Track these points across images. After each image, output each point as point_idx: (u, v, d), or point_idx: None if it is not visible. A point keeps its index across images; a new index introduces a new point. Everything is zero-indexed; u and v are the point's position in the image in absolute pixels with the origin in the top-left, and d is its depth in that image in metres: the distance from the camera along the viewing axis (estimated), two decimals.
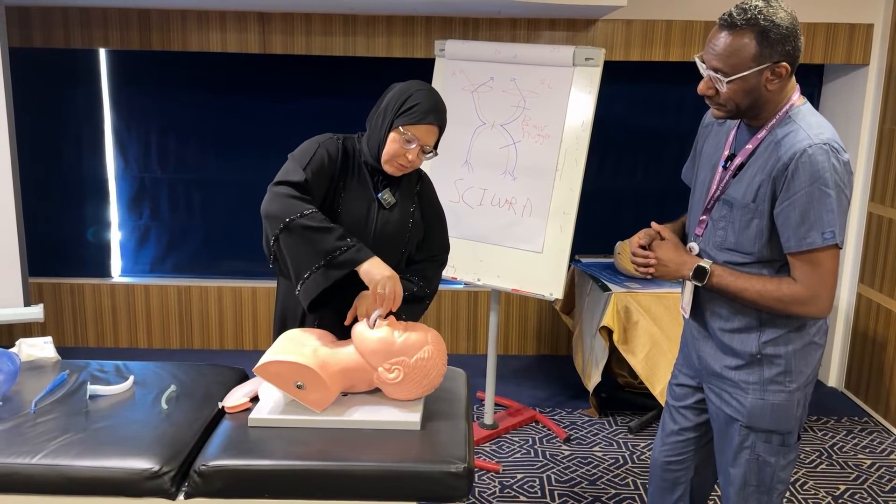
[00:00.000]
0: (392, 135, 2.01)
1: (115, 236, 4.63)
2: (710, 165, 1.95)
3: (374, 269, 1.88)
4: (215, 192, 4.55)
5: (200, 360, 4.33)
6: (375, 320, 1.91)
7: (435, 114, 2.03)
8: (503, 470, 3.27)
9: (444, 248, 2.26)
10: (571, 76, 3.24)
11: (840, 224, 1.74)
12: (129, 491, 1.68)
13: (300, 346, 1.90)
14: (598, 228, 4.35)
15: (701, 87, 1.80)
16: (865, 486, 3.20)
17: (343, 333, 2.02)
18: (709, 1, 3.93)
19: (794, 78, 1.81)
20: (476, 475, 3.18)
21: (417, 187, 2.20)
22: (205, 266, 4.65)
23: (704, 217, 1.93)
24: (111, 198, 4.58)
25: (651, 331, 3.45)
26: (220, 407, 1.97)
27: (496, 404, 3.75)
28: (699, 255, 1.94)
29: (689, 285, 1.96)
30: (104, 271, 4.63)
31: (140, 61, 4.37)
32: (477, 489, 3.10)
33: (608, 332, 3.49)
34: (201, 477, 1.69)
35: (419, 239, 2.19)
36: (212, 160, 4.51)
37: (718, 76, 1.73)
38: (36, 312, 3.35)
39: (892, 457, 3.47)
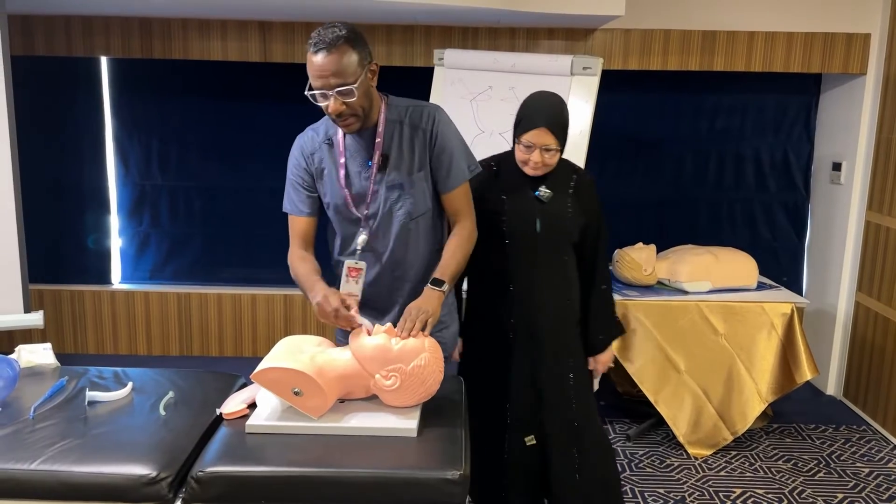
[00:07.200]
0: (518, 145, 2.37)
1: (116, 243, 4.64)
2: (354, 174, 2.15)
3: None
4: (215, 200, 4.57)
5: (199, 367, 4.34)
6: (373, 327, 1.93)
7: (538, 116, 2.32)
8: None
9: (604, 238, 2.56)
10: (569, 85, 3.25)
11: (473, 157, 2.21)
12: (127, 497, 1.68)
13: (297, 352, 1.91)
14: None
15: (332, 109, 2.00)
16: (863, 495, 3.21)
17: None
18: (706, 10, 3.95)
19: None
20: None
21: (572, 184, 2.47)
22: (204, 273, 4.66)
23: (369, 212, 2.16)
24: (112, 205, 4.60)
25: (649, 339, 3.45)
26: (217, 413, 1.97)
27: None
28: (367, 245, 2.17)
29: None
30: (104, 278, 4.65)
31: (141, 69, 4.39)
32: None
33: None
34: (199, 483, 1.69)
35: (582, 227, 2.48)
36: (212, 168, 4.53)
37: (346, 88, 1.97)
38: (36, 319, 3.35)
39: (891, 465, 3.47)
